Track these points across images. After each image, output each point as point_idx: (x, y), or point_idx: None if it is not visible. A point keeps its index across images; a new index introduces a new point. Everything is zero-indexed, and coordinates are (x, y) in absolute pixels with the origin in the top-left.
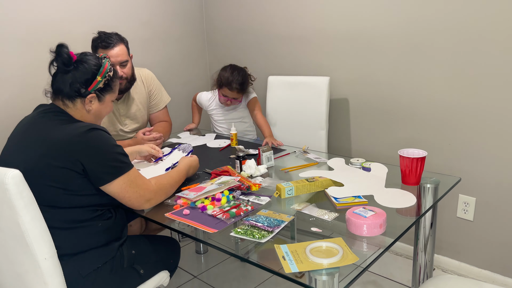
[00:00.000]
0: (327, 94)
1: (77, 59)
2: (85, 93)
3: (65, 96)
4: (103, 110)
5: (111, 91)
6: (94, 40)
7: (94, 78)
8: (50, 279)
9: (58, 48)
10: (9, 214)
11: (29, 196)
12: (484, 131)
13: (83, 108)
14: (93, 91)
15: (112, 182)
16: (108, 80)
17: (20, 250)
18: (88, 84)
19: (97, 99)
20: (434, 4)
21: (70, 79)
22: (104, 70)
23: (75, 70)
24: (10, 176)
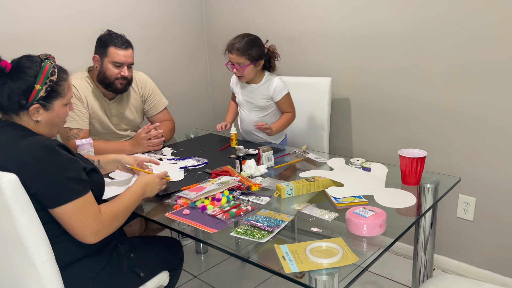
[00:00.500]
0: (329, 95)
1: (12, 66)
2: (27, 105)
3: (8, 110)
4: (55, 118)
5: (58, 97)
6: (107, 37)
7: (32, 87)
8: (48, 282)
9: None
10: (5, 218)
11: (25, 200)
12: (484, 131)
13: (31, 120)
14: (35, 101)
15: (55, 208)
16: (51, 86)
17: (17, 254)
18: (27, 95)
19: (42, 108)
20: (434, 4)
21: (7, 90)
22: (43, 76)
23: (11, 81)
24: (6, 181)
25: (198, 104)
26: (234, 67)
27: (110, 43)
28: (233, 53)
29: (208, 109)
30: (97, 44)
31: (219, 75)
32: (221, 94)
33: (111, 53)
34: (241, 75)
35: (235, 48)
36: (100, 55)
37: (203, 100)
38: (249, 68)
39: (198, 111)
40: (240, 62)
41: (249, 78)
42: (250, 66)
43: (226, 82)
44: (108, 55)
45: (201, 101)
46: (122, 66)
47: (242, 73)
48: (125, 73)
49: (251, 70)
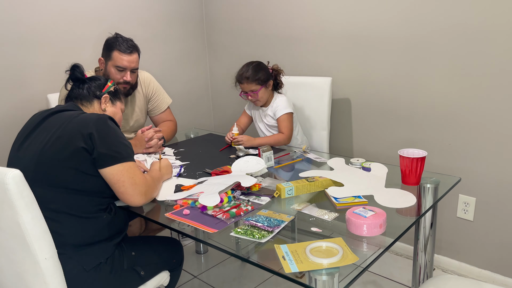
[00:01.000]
0: (329, 95)
1: (89, 76)
2: (100, 95)
3: (83, 99)
4: (116, 114)
5: (118, 99)
6: (112, 40)
7: (106, 84)
8: (50, 279)
9: (73, 66)
10: (9, 214)
11: (29, 196)
12: (484, 131)
13: (99, 109)
14: (106, 92)
15: (111, 166)
16: (116, 89)
17: (20, 250)
18: (101, 87)
19: (110, 101)
20: (434, 4)
21: (86, 85)
22: (111, 82)
23: (90, 80)
24: (11, 176)
25: (198, 104)
26: (247, 94)
27: (115, 47)
28: (243, 82)
29: (208, 109)
30: (104, 47)
31: (219, 75)
32: (221, 94)
33: (115, 57)
34: (256, 99)
35: (244, 77)
36: (105, 58)
37: (203, 100)
38: (261, 91)
39: (198, 111)
40: (252, 89)
41: (264, 101)
42: (262, 89)
43: (226, 82)
44: (112, 58)
45: (201, 101)
46: (125, 70)
47: (257, 97)
48: (127, 78)
49: (263, 93)
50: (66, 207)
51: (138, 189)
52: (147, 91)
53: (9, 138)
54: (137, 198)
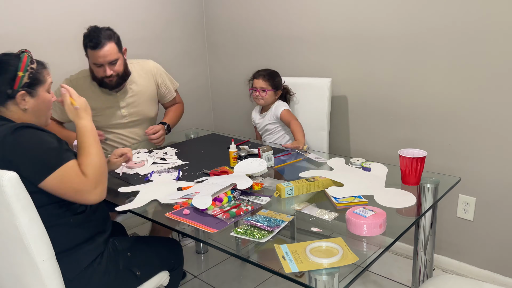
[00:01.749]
0: (329, 95)
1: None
2: (13, 93)
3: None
4: (42, 105)
5: (40, 83)
6: (84, 37)
7: (15, 75)
8: (48, 281)
9: None
10: (6, 216)
11: (26, 198)
12: (484, 131)
13: (19, 109)
14: (20, 88)
15: (44, 180)
16: (32, 73)
17: (18, 252)
18: (12, 83)
19: (28, 95)
20: (434, 4)
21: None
22: (23, 65)
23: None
24: (7, 179)
25: (198, 104)
26: (257, 90)
27: (86, 45)
28: (259, 78)
29: (208, 109)
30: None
31: (219, 75)
32: (221, 94)
33: (90, 55)
34: (262, 98)
35: (261, 75)
36: (86, 56)
37: (203, 100)
38: (269, 94)
39: (198, 111)
40: (263, 87)
41: (268, 103)
42: (271, 92)
43: (226, 82)
44: (89, 57)
45: (201, 101)
46: (103, 65)
47: (264, 96)
48: (107, 73)
49: (270, 96)
50: None
51: (85, 195)
52: (155, 78)
53: None
54: (88, 199)
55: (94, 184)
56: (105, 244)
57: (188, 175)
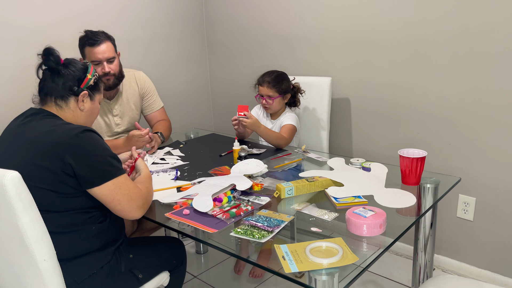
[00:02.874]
0: (329, 95)
1: (64, 62)
2: (78, 91)
3: (58, 97)
4: (95, 110)
5: (99, 91)
6: (81, 38)
7: (85, 76)
8: (49, 281)
9: (46, 51)
10: (8, 216)
11: (28, 197)
12: (484, 131)
13: (77, 108)
14: (85, 88)
15: (101, 185)
16: (96, 80)
17: (19, 252)
18: (80, 82)
19: (88, 97)
20: (434, 4)
21: (62, 79)
22: (91, 69)
23: (66, 69)
24: (9, 178)
25: (198, 104)
26: (263, 98)
27: (85, 43)
28: (264, 85)
29: (208, 109)
30: (78, 46)
31: (219, 75)
32: (221, 94)
33: (87, 53)
34: (269, 106)
35: (266, 81)
36: (83, 57)
37: (203, 100)
38: (277, 100)
39: (198, 111)
40: (270, 95)
41: (276, 110)
42: (279, 99)
43: (226, 82)
44: (86, 55)
45: (201, 101)
46: (101, 63)
47: (271, 104)
48: (105, 70)
49: (278, 102)
50: (52, 227)
51: (136, 204)
52: (142, 88)
53: None
54: (135, 213)
55: (144, 201)
56: (114, 253)
57: (188, 175)
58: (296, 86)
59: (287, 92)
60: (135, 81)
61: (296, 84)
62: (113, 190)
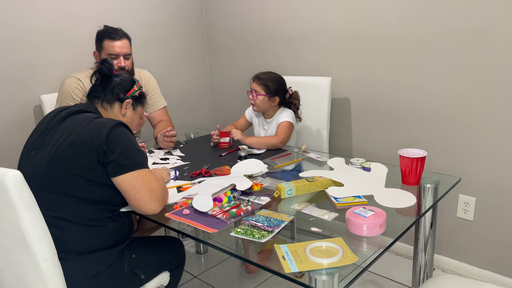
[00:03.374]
0: (329, 95)
1: (116, 73)
2: (123, 98)
3: (105, 100)
4: (135, 120)
5: (141, 104)
6: (101, 32)
7: (132, 87)
8: (50, 280)
9: (103, 60)
10: (9, 214)
11: (29, 196)
12: (484, 131)
13: (119, 112)
14: (130, 97)
15: (125, 174)
16: (141, 93)
17: (20, 251)
18: (127, 91)
19: (131, 106)
20: (434, 4)
21: (111, 86)
22: (138, 84)
23: (117, 78)
24: (11, 177)
25: (198, 104)
26: (251, 92)
27: (104, 36)
28: (255, 81)
29: (208, 109)
30: (96, 40)
31: (219, 75)
32: (221, 94)
33: (106, 46)
34: (254, 102)
35: (257, 77)
36: (98, 50)
37: (203, 100)
38: (261, 98)
39: (198, 111)
40: (256, 90)
41: (261, 109)
42: (263, 97)
43: (226, 82)
44: (104, 48)
45: (201, 101)
46: (118, 57)
47: (255, 100)
48: (121, 64)
49: (263, 102)
50: (72, 216)
51: (155, 195)
52: (146, 85)
53: (7, 139)
54: (154, 205)
55: (163, 194)
56: (121, 252)
57: (188, 175)
58: (294, 96)
59: (276, 95)
60: (139, 79)
61: (295, 92)
62: (135, 178)
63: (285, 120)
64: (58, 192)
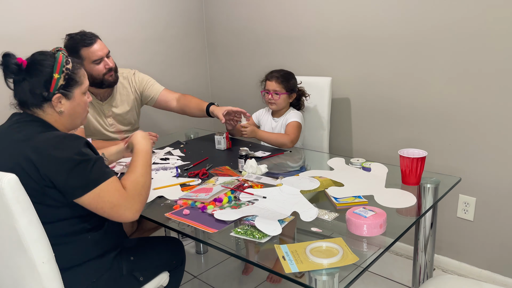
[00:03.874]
0: (329, 95)
1: (28, 63)
2: (49, 96)
3: (32, 105)
4: (77, 108)
5: (76, 85)
6: (73, 42)
7: (51, 77)
8: (48, 283)
9: (4, 58)
10: (5, 218)
11: (25, 200)
12: (484, 131)
13: (55, 112)
14: (56, 90)
15: (80, 198)
16: (68, 74)
17: (17, 255)
18: (48, 86)
19: (64, 97)
20: (434, 4)
21: (28, 86)
22: (58, 65)
23: (29, 76)
24: (6, 181)
25: None
26: (270, 93)
27: (78, 46)
28: (272, 80)
29: None
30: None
31: (219, 75)
32: (221, 94)
33: (86, 54)
34: (275, 102)
35: (275, 76)
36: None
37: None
38: (283, 97)
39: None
40: (277, 90)
41: (280, 107)
42: (285, 95)
43: (226, 82)
44: (84, 57)
45: None
46: (102, 59)
47: (277, 100)
48: (109, 65)
49: (284, 99)
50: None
51: (121, 210)
52: (136, 82)
53: None
54: (126, 216)
55: (132, 200)
56: (114, 258)
57: (187, 175)
58: (301, 89)
59: (294, 91)
60: (127, 81)
61: (301, 87)
62: (94, 200)
63: (294, 120)
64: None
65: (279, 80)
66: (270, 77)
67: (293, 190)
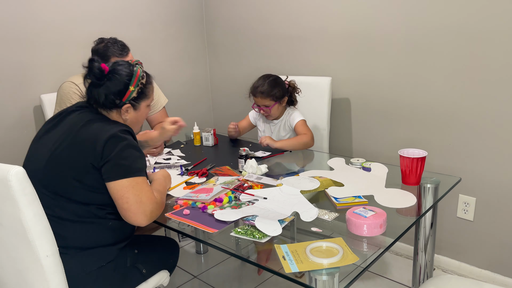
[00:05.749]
0: (329, 95)
1: (109, 70)
2: (120, 104)
3: (101, 107)
4: (139, 118)
5: (145, 98)
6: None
7: (127, 88)
8: (51, 276)
9: (90, 62)
10: (11, 210)
11: (32, 193)
12: (484, 131)
13: (120, 118)
14: (128, 101)
15: (117, 180)
16: (141, 88)
17: (21, 247)
18: (122, 95)
19: (132, 108)
20: (434, 4)
21: (104, 91)
22: (136, 78)
23: (109, 82)
24: (13, 173)
25: (198, 104)
26: (260, 108)
27: (111, 54)
28: (258, 96)
29: (208, 109)
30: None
31: (219, 75)
32: (221, 94)
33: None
34: (268, 114)
35: (259, 92)
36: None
37: (203, 100)
38: (274, 108)
39: (198, 111)
40: (266, 104)
41: (277, 114)
42: (276, 105)
43: (226, 82)
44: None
45: (201, 101)
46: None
47: (269, 113)
48: None
49: (276, 109)
50: (70, 215)
51: (143, 208)
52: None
53: (8, 139)
54: (140, 217)
55: (154, 206)
56: (122, 249)
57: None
58: (291, 85)
59: (283, 96)
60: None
61: (291, 82)
62: (125, 187)
63: (300, 119)
64: (55, 192)
65: (264, 94)
66: (255, 92)
67: (293, 190)
